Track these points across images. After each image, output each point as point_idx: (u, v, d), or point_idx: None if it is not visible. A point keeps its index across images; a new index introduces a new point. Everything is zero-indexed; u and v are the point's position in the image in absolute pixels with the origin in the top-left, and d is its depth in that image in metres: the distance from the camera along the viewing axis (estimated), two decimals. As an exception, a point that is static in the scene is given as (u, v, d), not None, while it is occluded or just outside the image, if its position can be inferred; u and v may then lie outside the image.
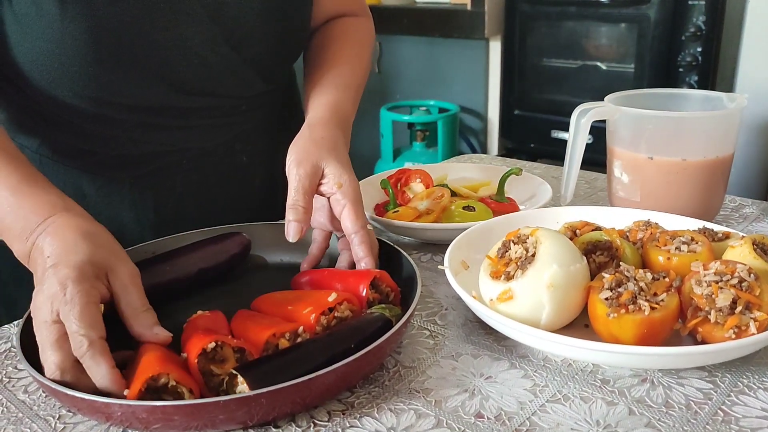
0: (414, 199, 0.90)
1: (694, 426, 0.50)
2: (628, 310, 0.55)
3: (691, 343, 0.58)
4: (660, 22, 2.08)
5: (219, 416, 0.48)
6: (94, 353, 0.52)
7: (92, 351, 0.52)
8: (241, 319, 0.62)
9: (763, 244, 0.63)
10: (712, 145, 0.81)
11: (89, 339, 0.52)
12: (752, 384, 0.55)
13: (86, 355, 0.52)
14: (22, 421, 0.54)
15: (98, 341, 0.52)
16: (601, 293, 0.58)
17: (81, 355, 0.52)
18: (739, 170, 2.02)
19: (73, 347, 0.52)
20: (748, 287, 0.56)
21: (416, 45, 2.83)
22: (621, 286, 0.58)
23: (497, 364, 0.59)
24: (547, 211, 0.81)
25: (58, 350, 0.52)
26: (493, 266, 0.63)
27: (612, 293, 0.57)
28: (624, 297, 0.56)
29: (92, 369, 0.52)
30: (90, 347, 0.52)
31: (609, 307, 0.56)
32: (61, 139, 0.81)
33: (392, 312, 0.60)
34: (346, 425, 0.52)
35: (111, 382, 0.51)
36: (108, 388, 0.52)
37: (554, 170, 1.14)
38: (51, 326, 0.53)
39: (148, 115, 0.79)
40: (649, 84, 2.13)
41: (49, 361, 0.52)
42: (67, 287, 0.54)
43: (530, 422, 0.51)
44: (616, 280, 0.58)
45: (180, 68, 0.76)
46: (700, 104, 0.90)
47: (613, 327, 0.56)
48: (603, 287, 0.58)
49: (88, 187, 0.83)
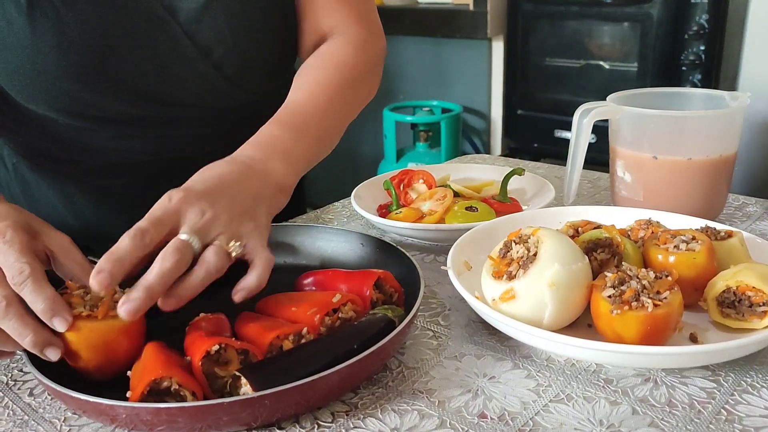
0: (417, 200, 0.90)
1: (697, 425, 0.50)
2: (632, 307, 0.56)
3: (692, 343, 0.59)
4: (663, 21, 2.08)
5: (223, 418, 0.48)
6: (36, 278, 0.52)
7: (34, 276, 0.52)
8: (245, 321, 0.62)
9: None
10: (715, 144, 0.81)
11: (30, 266, 0.52)
12: (756, 383, 0.55)
13: (28, 280, 0.51)
14: (27, 423, 0.54)
15: (39, 269, 0.52)
16: (604, 291, 0.58)
17: (22, 281, 0.51)
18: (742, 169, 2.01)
19: (11, 278, 0.52)
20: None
21: (419, 45, 2.83)
22: (624, 284, 0.58)
23: (500, 364, 0.59)
24: (550, 211, 0.81)
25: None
26: (495, 266, 0.63)
27: (615, 291, 0.57)
28: (627, 294, 0.56)
29: (35, 294, 0.51)
30: (32, 273, 0.52)
31: (612, 305, 0.56)
32: (46, 147, 0.80)
33: (395, 313, 0.60)
34: (350, 426, 0.52)
35: (56, 303, 0.51)
36: (53, 310, 0.51)
37: (557, 170, 1.14)
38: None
39: (128, 127, 0.78)
40: (652, 83, 2.13)
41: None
42: (6, 233, 0.54)
43: (533, 422, 0.51)
44: (619, 278, 0.58)
45: (156, 83, 0.74)
46: (703, 103, 0.90)
47: (616, 324, 0.56)
48: (606, 285, 0.58)
49: (76, 195, 0.82)
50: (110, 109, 0.75)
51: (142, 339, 0.58)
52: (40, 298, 0.52)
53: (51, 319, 0.52)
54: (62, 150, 0.80)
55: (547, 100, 2.42)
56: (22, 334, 0.52)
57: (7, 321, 0.52)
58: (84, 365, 0.55)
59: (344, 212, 0.99)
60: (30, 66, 0.69)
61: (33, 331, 0.52)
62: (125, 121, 0.77)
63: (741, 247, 0.66)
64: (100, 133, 0.77)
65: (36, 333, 0.52)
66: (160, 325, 0.61)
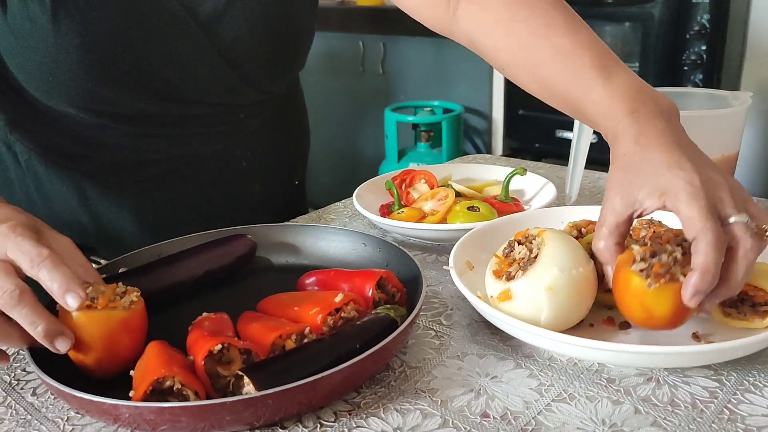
0: (419, 200, 0.91)
1: (699, 425, 0.50)
2: (668, 280, 0.53)
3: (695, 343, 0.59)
4: (664, 21, 2.08)
5: (226, 417, 0.48)
6: (53, 258, 0.53)
7: (52, 257, 0.53)
8: (247, 320, 0.62)
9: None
10: (717, 144, 0.81)
11: (49, 250, 0.53)
12: (758, 382, 0.55)
13: (46, 260, 0.52)
14: (30, 423, 0.54)
15: (54, 254, 0.53)
16: (635, 265, 0.54)
17: (40, 261, 0.52)
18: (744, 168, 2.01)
19: (30, 261, 0.53)
20: None
21: (420, 46, 2.83)
22: (655, 256, 0.54)
23: (503, 363, 0.59)
24: (551, 210, 0.81)
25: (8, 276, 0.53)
26: (498, 264, 0.63)
27: (647, 264, 0.54)
28: (661, 266, 0.53)
29: (51, 272, 0.52)
30: (50, 255, 0.53)
31: (647, 278, 0.53)
32: (61, 143, 0.81)
33: (397, 312, 0.60)
34: (353, 425, 0.52)
35: (72, 280, 0.52)
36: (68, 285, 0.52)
37: (559, 170, 1.14)
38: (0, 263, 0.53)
39: (144, 124, 0.80)
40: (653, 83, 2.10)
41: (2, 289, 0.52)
42: (16, 229, 0.54)
43: (536, 421, 0.51)
44: (650, 250, 0.54)
45: (174, 81, 0.76)
46: (704, 103, 0.90)
47: (648, 300, 0.53)
48: (636, 259, 0.55)
49: (90, 190, 0.83)
50: (128, 106, 0.76)
51: (142, 335, 0.58)
52: (57, 275, 0.53)
53: (64, 294, 0.53)
54: (77, 146, 0.81)
55: (549, 100, 2.42)
56: (35, 323, 0.52)
57: (20, 309, 0.52)
58: (83, 359, 0.55)
59: (346, 212, 0.99)
60: (53, 64, 0.70)
61: (45, 321, 0.52)
62: (141, 118, 0.79)
63: None
64: (116, 129, 0.79)
65: (48, 322, 0.52)
66: (163, 324, 0.62)
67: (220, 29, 0.76)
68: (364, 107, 3.06)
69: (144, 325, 0.59)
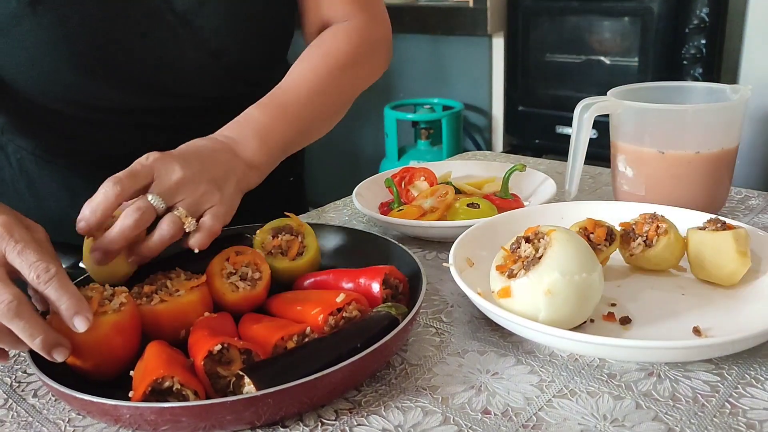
0: (418, 198, 0.90)
1: (701, 419, 0.50)
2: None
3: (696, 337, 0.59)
4: (663, 15, 2.07)
5: (227, 417, 0.48)
6: (61, 276, 0.53)
7: (60, 275, 0.53)
8: (249, 321, 0.62)
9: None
10: (716, 138, 0.81)
11: (55, 266, 0.53)
12: (759, 376, 0.55)
13: (54, 279, 0.52)
14: (31, 425, 0.55)
15: (63, 269, 0.53)
16: None
17: (48, 279, 0.52)
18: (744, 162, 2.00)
19: (36, 277, 0.52)
20: None
21: (419, 43, 2.83)
22: None
23: (503, 360, 0.59)
24: (551, 206, 0.81)
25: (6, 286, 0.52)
26: (503, 259, 0.63)
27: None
28: None
29: (60, 292, 0.52)
30: (58, 272, 0.53)
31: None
32: (51, 139, 0.82)
33: (398, 310, 0.60)
34: (354, 423, 0.52)
35: (81, 302, 0.52)
36: (77, 308, 0.52)
37: (559, 166, 1.14)
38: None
39: (131, 117, 0.80)
40: (653, 78, 2.12)
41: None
42: (13, 232, 0.54)
43: (537, 418, 0.51)
44: None
45: (158, 74, 0.76)
46: (704, 96, 0.90)
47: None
48: None
49: (81, 188, 0.83)
50: (115, 99, 0.77)
51: (136, 334, 0.58)
52: (65, 296, 0.52)
53: (72, 317, 0.52)
54: (68, 143, 0.81)
55: (548, 96, 2.41)
56: (33, 334, 0.51)
57: (17, 322, 0.51)
58: (81, 364, 0.55)
59: (346, 210, 0.99)
60: (38, 59, 0.71)
61: (43, 333, 0.52)
62: (128, 111, 0.79)
63: (734, 241, 0.66)
64: (105, 124, 0.79)
65: (47, 334, 0.52)
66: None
67: (199, 20, 0.76)
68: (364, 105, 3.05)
69: (137, 324, 0.58)
